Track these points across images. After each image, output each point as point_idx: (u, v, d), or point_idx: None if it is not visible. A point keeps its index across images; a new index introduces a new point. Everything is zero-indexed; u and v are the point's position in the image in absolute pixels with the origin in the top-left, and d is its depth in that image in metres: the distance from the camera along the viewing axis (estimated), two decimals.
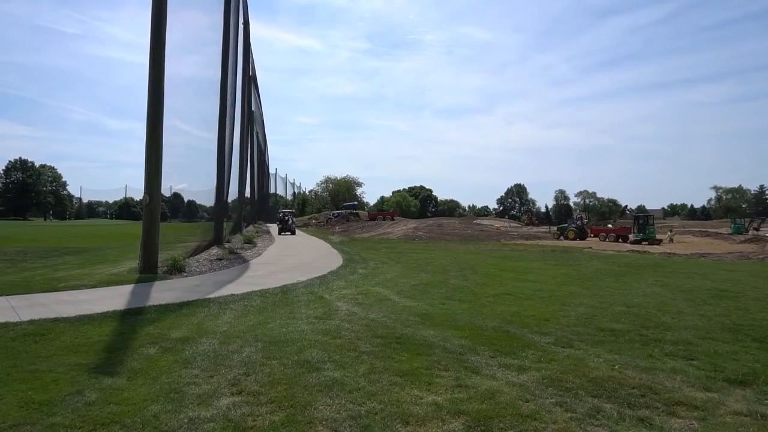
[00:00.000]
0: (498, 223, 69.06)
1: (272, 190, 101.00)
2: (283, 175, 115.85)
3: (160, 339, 6.92)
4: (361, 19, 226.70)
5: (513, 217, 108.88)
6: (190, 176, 23.35)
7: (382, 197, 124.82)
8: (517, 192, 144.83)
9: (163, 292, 10.81)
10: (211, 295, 10.42)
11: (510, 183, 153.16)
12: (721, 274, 16.21)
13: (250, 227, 46.41)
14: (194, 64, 21.97)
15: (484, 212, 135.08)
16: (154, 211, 13.83)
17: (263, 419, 4.37)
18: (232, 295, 10.51)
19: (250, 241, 27.27)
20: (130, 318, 8.21)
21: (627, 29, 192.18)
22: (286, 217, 41.50)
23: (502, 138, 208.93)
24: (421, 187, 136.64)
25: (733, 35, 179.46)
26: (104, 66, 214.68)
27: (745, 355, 6.73)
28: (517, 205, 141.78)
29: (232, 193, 36.14)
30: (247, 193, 52.65)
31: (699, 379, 5.69)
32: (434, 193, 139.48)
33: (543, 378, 5.57)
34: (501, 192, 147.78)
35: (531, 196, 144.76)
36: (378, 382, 5.28)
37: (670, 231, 44.72)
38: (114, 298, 9.75)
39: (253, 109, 50.45)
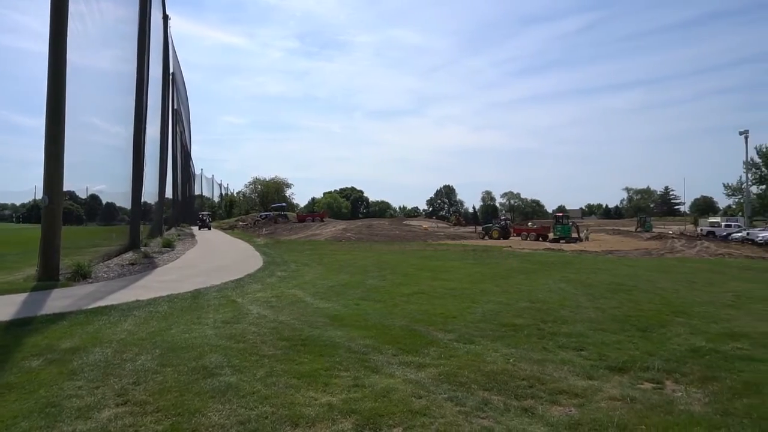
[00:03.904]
0: (426, 224, 70.47)
1: (198, 192, 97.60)
2: (210, 176, 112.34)
3: (47, 350, 6.49)
4: (292, 18, 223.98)
5: (442, 218, 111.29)
6: (110, 177, 22.26)
7: (313, 198, 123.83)
8: (446, 193, 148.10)
9: (61, 299, 10.14)
10: (114, 302, 9.89)
11: (439, 184, 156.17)
12: (621, 270, 17.38)
13: (173, 230, 44.63)
14: (113, 58, 20.92)
15: (414, 213, 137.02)
16: (55, 213, 12.97)
17: (146, 429, 4.21)
18: (137, 301, 10.03)
19: (169, 245, 26.30)
20: (16, 329, 7.62)
21: (550, 37, 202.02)
22: (204, 218, 57.12)
23: (433, 140, 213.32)
24: (353, 189, 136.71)
25: (644, 46, 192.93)
26: (13, 57, 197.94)
27: (628, 344, 7.26)
28: (446, 206, 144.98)
29: (153, 195, 34.64)
30: (170, 195, 50.67)
31: (584, 368, 6.07)
32: (366, 195, 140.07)
33: (440, 374, 5.73)
34: (431, 193, 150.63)
35: (459, 197, 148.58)
36: (274, 386, 5.23)
37: (586, 230, 47.39)
38: (2, 308, 9.02)
39: (175, 107, 48.53)
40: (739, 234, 43.60)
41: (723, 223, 51.71)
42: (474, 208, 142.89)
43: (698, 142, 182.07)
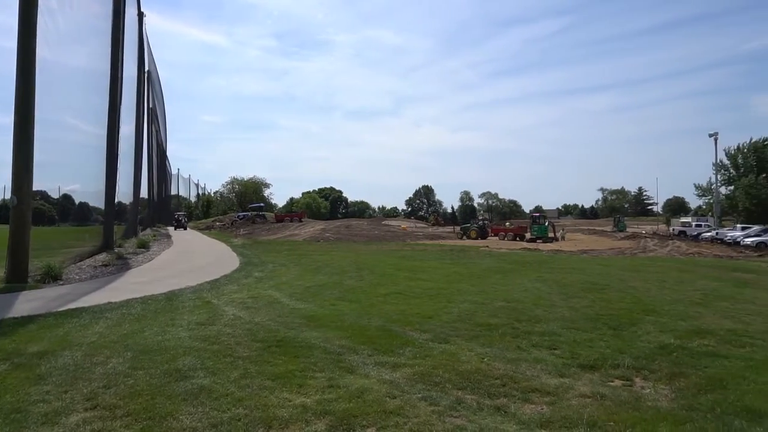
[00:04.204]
0: (405, 224, 70.65)
1: (174, 192, 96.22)
2: (187, 176, 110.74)
3: (14, 354, 6.33)
4: (270, 17, 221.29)
5: (421, 218, 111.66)
6: (83, 176, 21.83)
7: (292, 198, 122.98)
8: (425, 193, 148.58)
9: (29, 302, 9.91)
10: (85, 304, 9.70)
11: (418, 184, 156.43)
12: (595, 269, 17.69)
13: (148, 231, 43.92)
14: (86, 55, 20.51)
15: (393, 213, 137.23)
16: (23, 213, 12.65)
17: None
18: (109, 303, 9.85)
19: (144, 246, 25.87)
20: None
21: (528, 39, 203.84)
22: (180, 218, 58.50)
23: (412, 140, 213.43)
24: (332, 189, 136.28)
25: (618, 49, 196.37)
26: None
27: (599, 342, 7.40)
28: (424, 206, 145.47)
29: (128, 195, 34.05)
30: (146, 195, 49.84)
31: (556, 367, 6.17)
32: (345, 195, 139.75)
33: (414, 374, 5.76)
34: (410, 193, 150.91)
35: (438, 197, 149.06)
36: (248, 387, 5.19)
37: (562, 229, 48.10)
38: None
39: (151, 105, 47.78)
40: (709, 234, 44.76)
41: (694, 223, 53.01)
42: (452, 208, 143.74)
43: (670, 143, 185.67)
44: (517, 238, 42.01)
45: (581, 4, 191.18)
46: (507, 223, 54.49)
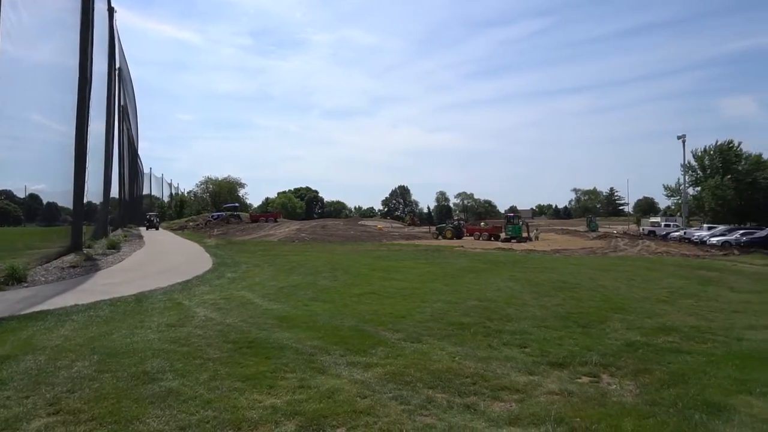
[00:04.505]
0: (381, 224, 70.70)
1: (147, 191, 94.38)
2: (159, 175, 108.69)
3: None
4: (245, 15, 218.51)
5: (397, 218, 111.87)
6: (51, 176, 21.23)
7: (267, 198, 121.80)
8: (401, 193, 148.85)
9: None
10: (51, 307, 9.45)
11: (395, 185, 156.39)
12: (567, 268, 18.00)
13: (119, 231, 42.99)
14: (55, 51, 19.97)
15: (369, 213, 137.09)
16: None
17: None
18: (76, 305, 9.62)
19: (114, 246, 25.33)
20: None
21: (504, 41, 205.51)
22: (152, 218, 57.71)
23: (388, 140, 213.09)
24: (308, 189, 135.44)
25: (594, 52, 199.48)
26: None
27: (569, 340, 7.54)
28: (401, 206, 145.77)
29: (98, 195, 33.27)
30: (117, 194, 48.81)
31: (526, 365, 6.27)
32: (321, 195, 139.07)
33: (386, 374, 5.78)
34: (386, 193, 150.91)
35: (414, 197, 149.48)
36: (217, 389, 5.14)
37: (536, 229, 48.76)
38: None
39: (122, 103, 46.80)
40: (677, 233, 45.96)
41: (663, 223, 54.33)
42: (428, 208, 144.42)
43: (642, 144, 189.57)
44: (492, 238, 42.37)
45: (558, 6, 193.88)
46: (482, 223, 55.04)
